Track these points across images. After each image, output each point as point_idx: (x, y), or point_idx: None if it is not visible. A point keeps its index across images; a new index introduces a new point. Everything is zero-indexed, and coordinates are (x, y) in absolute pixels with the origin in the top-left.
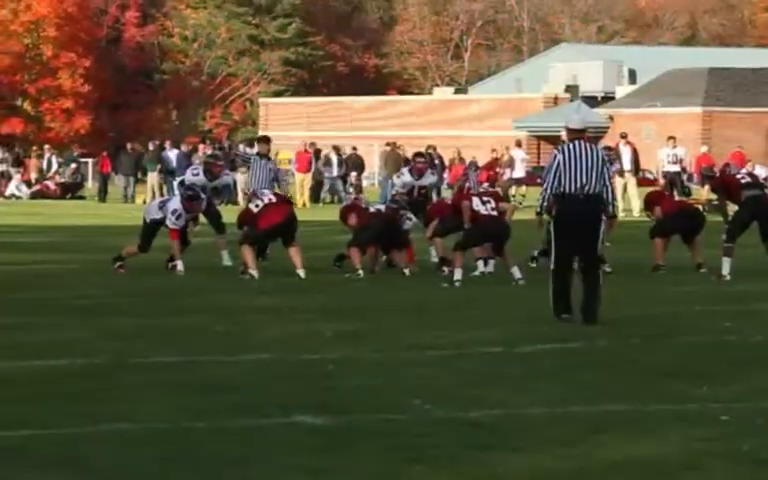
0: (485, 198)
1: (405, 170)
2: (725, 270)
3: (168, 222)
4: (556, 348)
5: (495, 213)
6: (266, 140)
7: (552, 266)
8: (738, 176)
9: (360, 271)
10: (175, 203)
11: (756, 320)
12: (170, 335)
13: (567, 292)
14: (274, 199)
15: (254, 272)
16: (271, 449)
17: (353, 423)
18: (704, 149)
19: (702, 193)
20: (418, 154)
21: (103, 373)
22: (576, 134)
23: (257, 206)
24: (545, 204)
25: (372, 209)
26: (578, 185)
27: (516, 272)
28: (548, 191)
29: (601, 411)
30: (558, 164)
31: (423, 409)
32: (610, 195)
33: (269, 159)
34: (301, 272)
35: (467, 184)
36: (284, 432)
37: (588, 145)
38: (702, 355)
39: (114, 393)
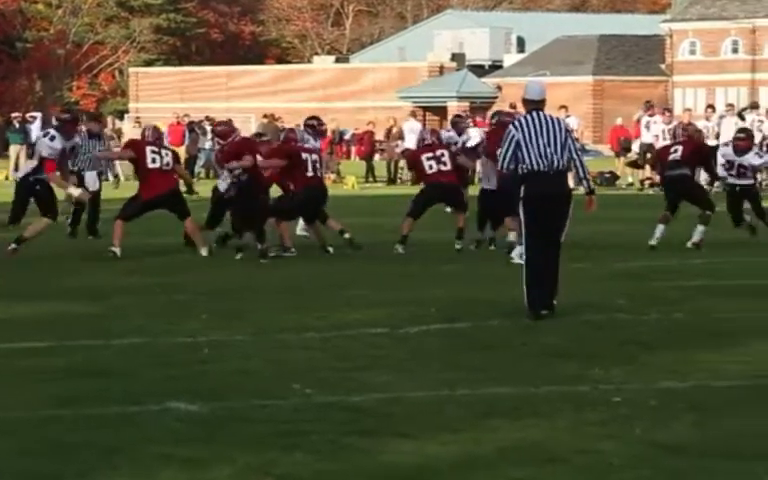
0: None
1: (305, 134)
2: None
3: (42, 149)
4: (443, 329)
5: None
6: (97, 119)
7: (524, 254)
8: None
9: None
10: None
11: (650, 297)
12: (36, 319)
13: (544, 282)
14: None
15: (117, 250)
16: (143, 438)
17: (229, 410)
18: (619, 120)
19: (617, 165)
20: (313, 117)
21: None
22: (535, 105)
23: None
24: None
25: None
26: (546, 161)
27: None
28: (503, 172)
29: (489, 394)
30: (514, 140)
31: (303, 394)
32: (582, 168)
33: (100, 139)
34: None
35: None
36: (156, 420)
37: (549, 116)
38: (594, 335)
39: None
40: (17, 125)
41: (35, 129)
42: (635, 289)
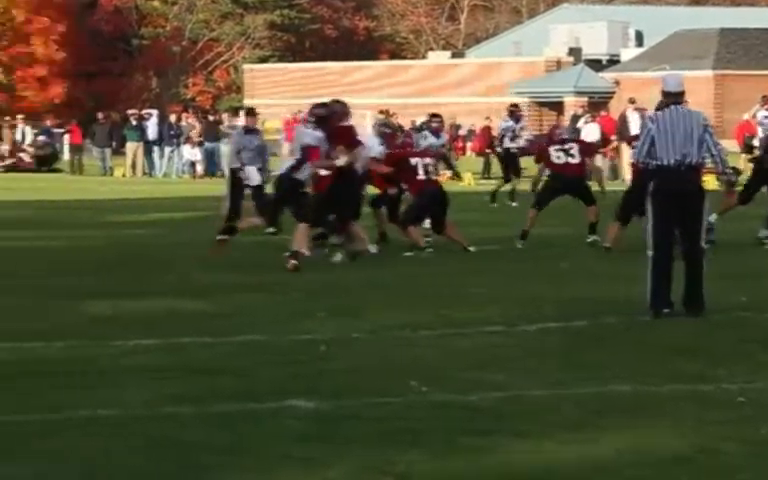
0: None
1: (427, 132)
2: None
3: (304, 138)
4: (560, 327)
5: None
6: (252, 114)
7: (650, 252)
8: None
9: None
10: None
11: None
12: (152, 316)
13: (669, 283)
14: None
15: (305, 251)
16: (261, 436)
17: (347, 408)
18: (746, 116)
19: (741, 161)
20: (434, 115)
21: (82, 357)
22: (673, 98)
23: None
24: None
25: None
26: (677, 156)
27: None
28: (639, 165)
29: (609, 393)
30: (650, 134)
31: (420, 392)
32: (721, 163)
33: (257, 133)
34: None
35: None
36: (274, 418)
37: (687, 110)
38: (716, 333)
39: (94, 378)
40: (134, 122)
41: (151, 126)
42: (757, 287)
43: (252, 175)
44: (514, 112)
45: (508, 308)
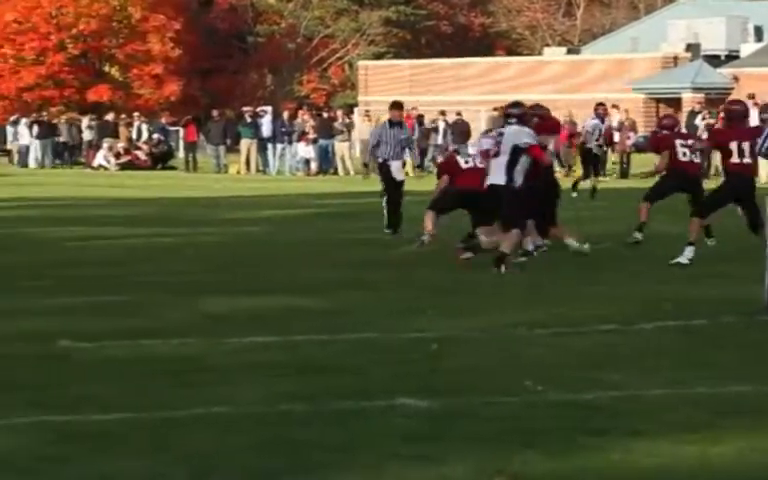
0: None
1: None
2: None
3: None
4: (677, 326)
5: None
6: (398, 106)
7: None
8: None
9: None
10: None
11: None
12: (267, 313)
13: None
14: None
15: (426, 237)
16: (372, 434)
17: (460, 406)
18: None
19: None
20: (536, 106)
21: (196, 354)
22: None
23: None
24: None
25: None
26: None
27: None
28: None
29: (727, 393)
30: None
31: (535, 391)
32: None
33: (401, 126)
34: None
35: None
36: (387, 416)
37: None
38: None
39: (208, 375)
40: (248, 119)
41: (266, 123)
42: None
43: (397, 170)
44: (598, 110)
45: (624, 306)
